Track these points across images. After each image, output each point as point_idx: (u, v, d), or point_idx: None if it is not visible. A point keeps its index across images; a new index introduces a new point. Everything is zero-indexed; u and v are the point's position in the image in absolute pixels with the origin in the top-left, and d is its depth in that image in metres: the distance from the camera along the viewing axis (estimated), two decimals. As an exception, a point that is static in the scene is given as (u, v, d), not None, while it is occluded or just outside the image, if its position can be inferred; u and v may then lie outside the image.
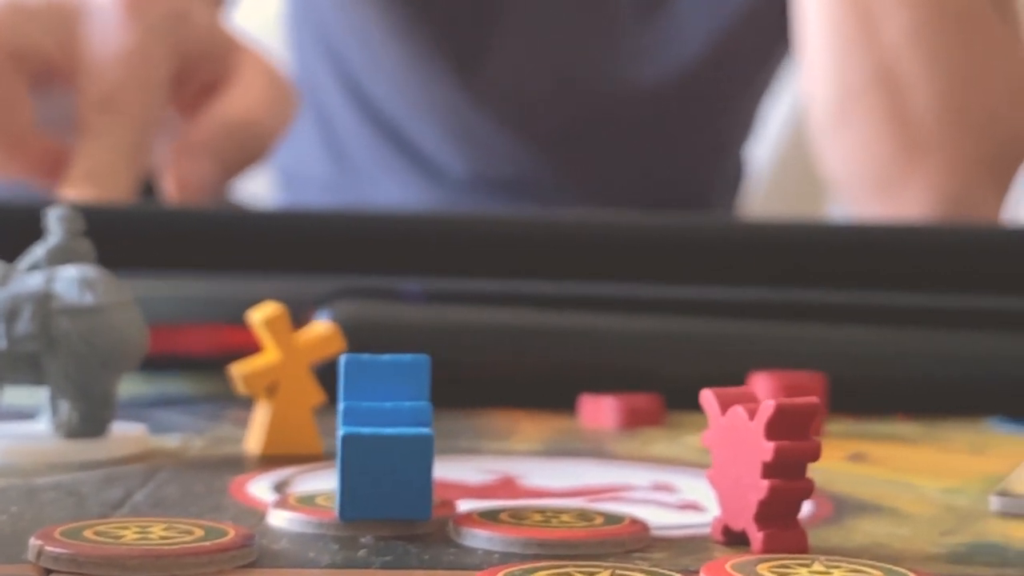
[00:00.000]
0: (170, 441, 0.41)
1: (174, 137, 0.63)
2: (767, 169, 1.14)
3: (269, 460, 0.38)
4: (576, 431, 0.45)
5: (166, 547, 0.27)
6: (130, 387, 0.50)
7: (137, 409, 0.46)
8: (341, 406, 0.31)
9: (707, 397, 0.31)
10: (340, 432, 0.29)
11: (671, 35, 0.92)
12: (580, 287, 0.51)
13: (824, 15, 0.77)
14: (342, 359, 0.32)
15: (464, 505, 0.32)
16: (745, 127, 0.98)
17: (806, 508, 0.34)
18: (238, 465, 0.37)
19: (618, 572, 0.27)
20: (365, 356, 0.32)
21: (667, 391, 0.48)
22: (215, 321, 0.51)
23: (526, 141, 0.93)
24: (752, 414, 0.30)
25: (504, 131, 0.93)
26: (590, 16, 0.92)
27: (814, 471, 0.38)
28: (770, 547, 0.29)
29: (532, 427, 0.45)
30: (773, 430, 0.30)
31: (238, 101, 0.63)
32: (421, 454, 0.30)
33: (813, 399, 0.30)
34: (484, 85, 0.92)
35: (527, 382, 0.50)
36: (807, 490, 0.30)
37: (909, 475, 0.39)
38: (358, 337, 0.49)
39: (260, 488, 0.35)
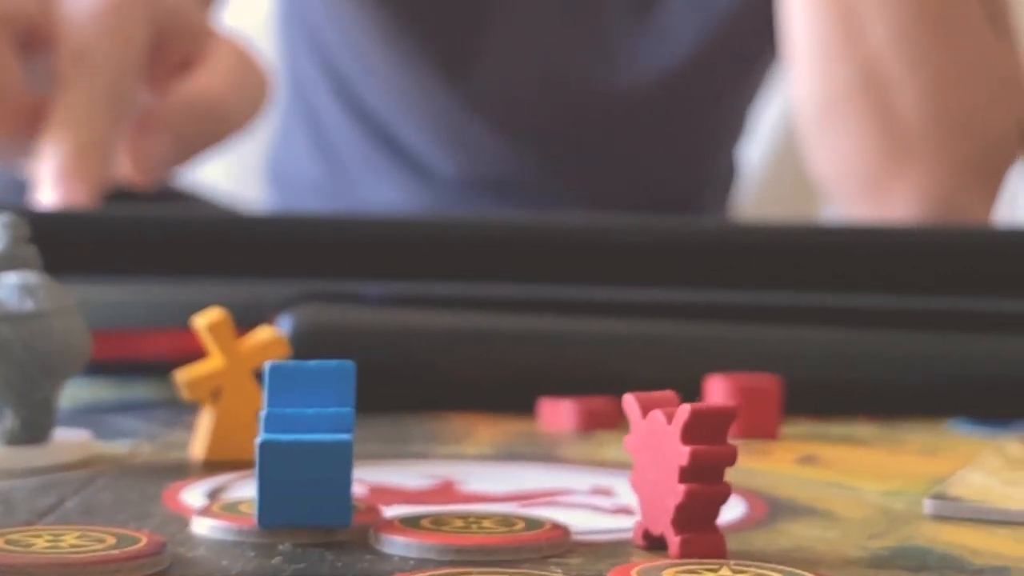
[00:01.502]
0: (119, 447, 0.41)
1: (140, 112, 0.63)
2: (760, 171, 1.14)
3: (211, 466, 0.38)
4: (532, 434, 0.45)
5: (74, 556, 0.27)
6: (94, 392, 0.50)
7: (95, 414, 0.46)
8: (263, 413, 0.31)
9: (629, 401, 0.31)
10: (257, 439, 0.30)
11: (659, 37, 0.92)
12: (542, 290, 0.51)
13: (809, 18, 0.77)
14: (266, 366, 0.32)
15: (396, 511, 0.32)
16: (735, 129, 0.98)
17: (740, 510, 0.34)
18: (180, 471, 0.38)
19: (521, 578, 0.27)
20: (290, 363, 0.32)
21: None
22: (181, 326, 0.51)
23: (516, 143, 0.93)
24: (670, 418, 0.30)
25: (494, 133, 0.93)
26: (578, 19, 0.92)
27: (762, 474, 0.38)
28: (687, 551, 0.29)
29: (488, 431, 0.45)
30: (689, 434, 0.30)
31: (204, 81, 0.63)
32: (340, 461, 0.30)
33: (730, 403, 0.30)
34: (474, 87, 0.92)
35: (488, 385, 0.50)
36: (724, 494, 0.30)
37: (855, 478, 0.39)
38: (318, 341, 0.49)
39: (194, 495, 0.35)
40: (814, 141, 0.80)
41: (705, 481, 0.30)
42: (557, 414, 0.47)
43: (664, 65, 0.92)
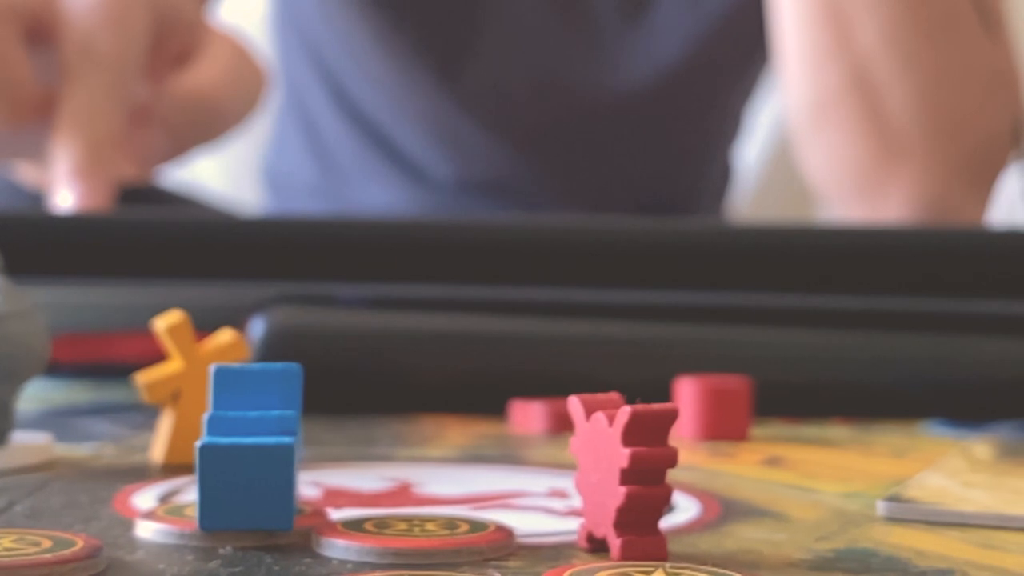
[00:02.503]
0: (82, 450, 0.41)
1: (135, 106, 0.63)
2: (756, 172, 1.14)
3: (169, 469, 0.38)
4: (500, 436, 0.45)
5: (5, 559, 0.27)
6: (70, 395, 0.50)
7: (66, 417, 0.46)
8: (205, 416, 0.31)
9: (573, 403, 0.31)
10: (197, 442, 0.29)
11: (652, 39, 0.92)
12: (515, 292, 0.51)
13: (798, 20, 0.77)
14: (211, 369, 0.32)
15: (342, 514, 0.32)
16: (730, 130, 0.98)
17: (693, 512, 0.34)
18: (138, 474, 0.38)
19: (450, 581, 0.27)
20: (235, 366, 0.32)
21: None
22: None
23: (509, 145, 0.93)
24: (612, 420, 0.30)
25: (487, 135, 0.93)
26: (571, 21, 0.92)
27: (722, 475, 0.38)
28: (627, 554, 0.29)
29: (456, 433, 0.45)
30: (630, 436, 0.29)
31: (200, 75, 0.63)
32: (281, 464, 0.30)
33: (671, 405, 0.30)
34: (467, 89, 0.92)
35: (461, 388, 0.50)
36: (665, 496, 0.30)
37: (816, 480, 0.39)
38: (290, 343, 0.49)
39: (145, 498, 0.35)
40: (806, 143, 0.80)
41: (646, 483, 0.29)
42: (527, 416, 0.47)
43: (657, 67, 0.92)
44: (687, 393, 0.45)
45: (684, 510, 0.35)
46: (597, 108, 0.92)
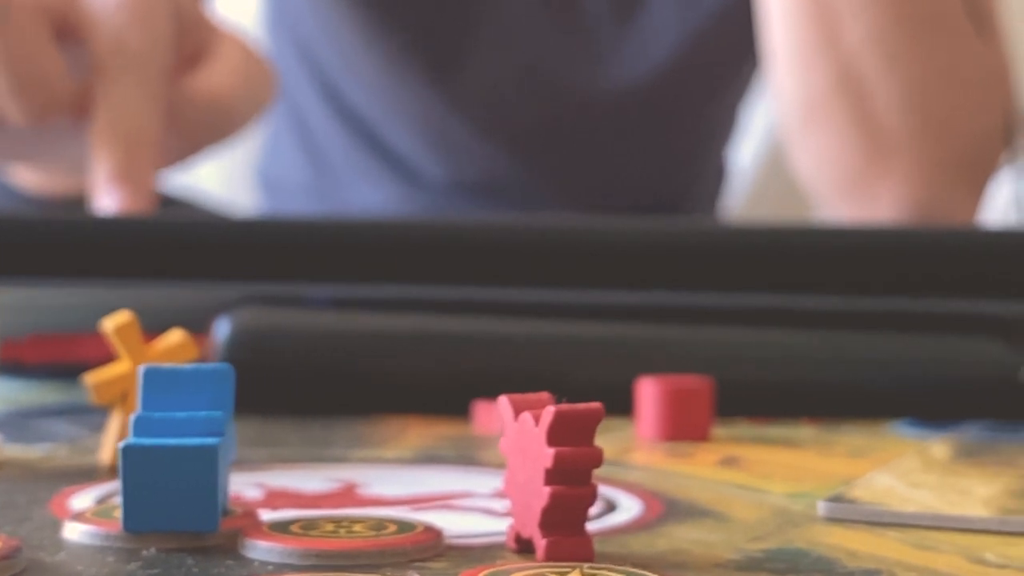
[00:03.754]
0: (36, 451, 0.41)
1: None
2: (751, 172, 1.13)
3: (115, 470, 0.38)
4: (459, 437, 0.45)
5: (-82, 561, 0.27)
6: (40, 395, 0.50)
7: (27, 418, 0.46)
8: (133, 416, 0.31)
9: (503, 403, 0.31)
10: (120, 443, 0.29)
11: (644, 39, 0.91)
12: (482, 293, 0.51)
13: (786, 20, 0.77)
14: (140, 369, 0.31)
15: (282, 515, 0.32)
16: (723, 130, 0.98)
17: (633, 512, 0.34)
18: (84, 476, 0.37)
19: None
20: (166, 366, 0.32)
21: (569, 396, 0.48)
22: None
23: (502, 145, 0.92)
24: (538, 420, 0.30)
25: (480, 135, 0.92)
26: (562, 21, 0.91)
27: (674, 476, 0.37)
28: (552, 555, 0.29)
29: (417, 433, 0.45)
30: (554, 436, 0.29)
31: (211, 77, 0.63)
32: (205, 465, 0.30)
33: (596, 405, 0.29)
34: (459, 89, 0.92)
35: (428, 388, 0.49)
36: (591, 496, 0.29)
37: (768, 480, 0.39)
38: (256, 344, 0.49)
39: (83, 500, 0.35)
40: (796, 143, 0.80)
41: (571, 483, 0.29)
42: (490, 417, 0.46)
43: (648, 67, 0.91)
44: (648, 393, 0.45)
45: (626, 510, 0.35)
46: (589, 108, 0.92)
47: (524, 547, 0.30)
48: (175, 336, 0.40)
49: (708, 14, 0.91)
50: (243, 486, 0.37)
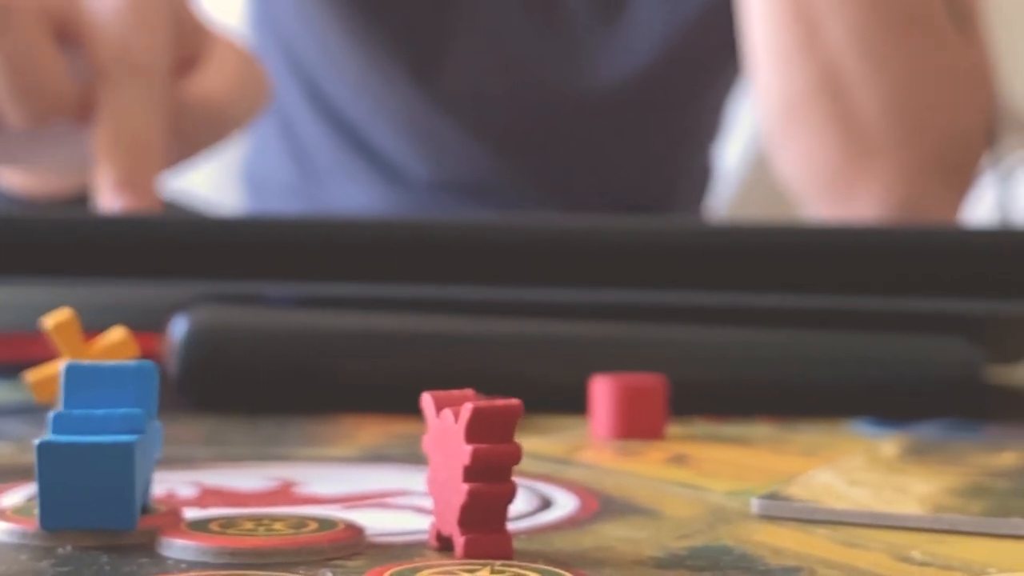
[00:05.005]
0: (-21, 451, 0.41)
1: None
2: (738, 172, 1.13)
3: (53, 469, 0.38)
4: (413, 436, 0.44)
5: None
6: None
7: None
8: (52, 414, 0.30)
9: (425, 400, 0.31)
10: (36, 440, 0.29)
11: (627, 39, 0.91)
12: (441, 291, 0.50)
13: (767, 21, 0.76)
14: (62, 366, 0.31)
15: (210, 513, 0.32)
16: (708, 130, 0.97)
17: (567, 510, 0.34)
18: (21, 474, 0.37)
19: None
20: (88, 363, 0.31)
21: (527, 394, 0.48)
22: (85, 328, 0.51)
23: (486, 145, 0.92)
24: (458, 416, 0.29)
25: (464, 135, 0.92)
26: (545, 21, 0.91)
27: (617, 474, 0.37)
28: (470, 552, 0.29)
29: (370, 432, 0.45)
30: (472, 433, 0.29)
31: (207, 82, 0.63)
32: (121, 463, 0.29)
33: (514, 401, 0.29)
34: (443, 89, 0.92)
35: (388, 387, 0.49)
36: (510, 493, 0.29)
37: (711, 478, 0.38)
38: (213, 342, 0.49)
39: (14, 498, 0.34)
40: (778, 143, 0.79)
41: (489, 480, 0.29)
42: (444, 415, 0.46)
43: (632, 66, 0.91)
44: (601, 391, 0.45)
45: (560, 507, 0.34)
46: (573, 108, 0.92)
47: (445, 545, 0.30)
48: (116, 334, 0.39)
49: (691, 13, 0.91)
50: (178, 484, 0.36)
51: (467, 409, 0.29)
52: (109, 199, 0.58)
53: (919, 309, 0.50)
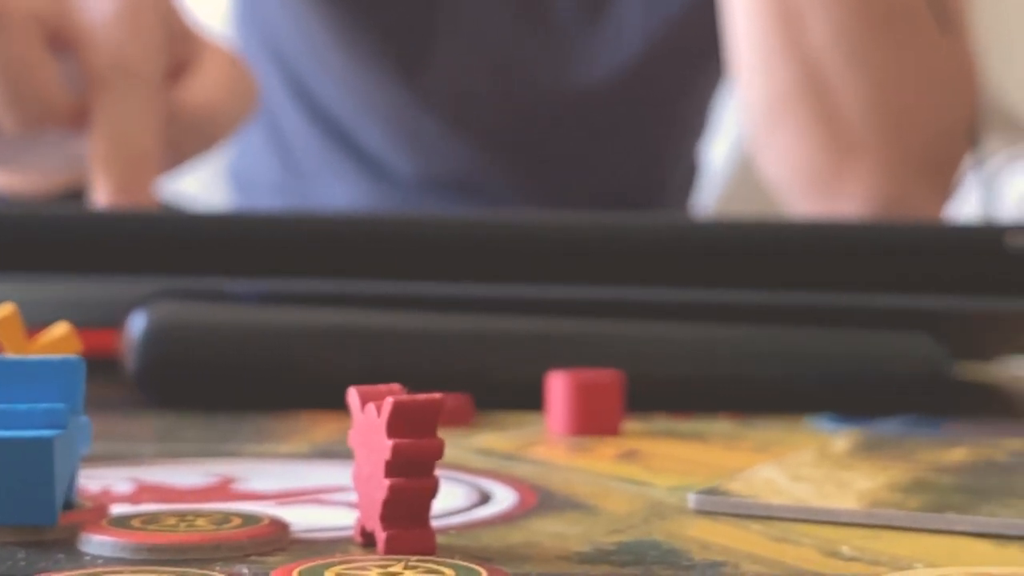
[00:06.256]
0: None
1: None
2: (724, 171, 1.12)
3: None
4: (366, 432, 0.44)
5: None
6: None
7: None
8: (-29, 409, 0.30)
9: (351, 394, 0.30)
10: (-46, 435, 0.29)
11: (611, 36, 0.91)
12: (403, 287, 0.50)
13: (750, 19, 0.76)
14: (-14, 361, 0.31)
15: (131, 509, 0.32)
16: (694, 127, 0.97)
17: (505, 505, 0.33)
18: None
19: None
20: (12, 357, 0.31)
21: (488, 391, 0.48)
22: (41, 324, 0.51)
23: (472, 142, 0.92)
24: (380, 411, 0.29)
25: (449, 132, 0.92)
26: (531, 18, 0.91)
27: (563, 469, 0.37)
28: (392, 548, 0.29)
29: (324, 429, 0.45)
30: (394, 428, 0.29)
31: (197, 89, 0.63)
32: (41, 458, 0.29)
33: (436, 395, 0.29)
34: (428, 86, 0.92)
35: (347, 383, 0.49)
36: (432, 489, 0.29)
37: (658, 473, 0.38)
38: (171, 338, 0.48)
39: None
40: (761, 142, 0.79)
41: (411, 475, 0.29)
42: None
43: (616, 63, 0.91)
44: (557, 387, 0.44)
45: (498, 503, 0.34)
46: (558, 105, 0.91)
47: (369, 541, 0.30)
48: (59, 329, 0.39)
49: (675, 10, 0.90)
50: (116, 480, 0.36)
51: (388, 404, 0.29)
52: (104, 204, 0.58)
53: (886, 306, 0.50)
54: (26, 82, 0.57)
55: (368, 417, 0.30)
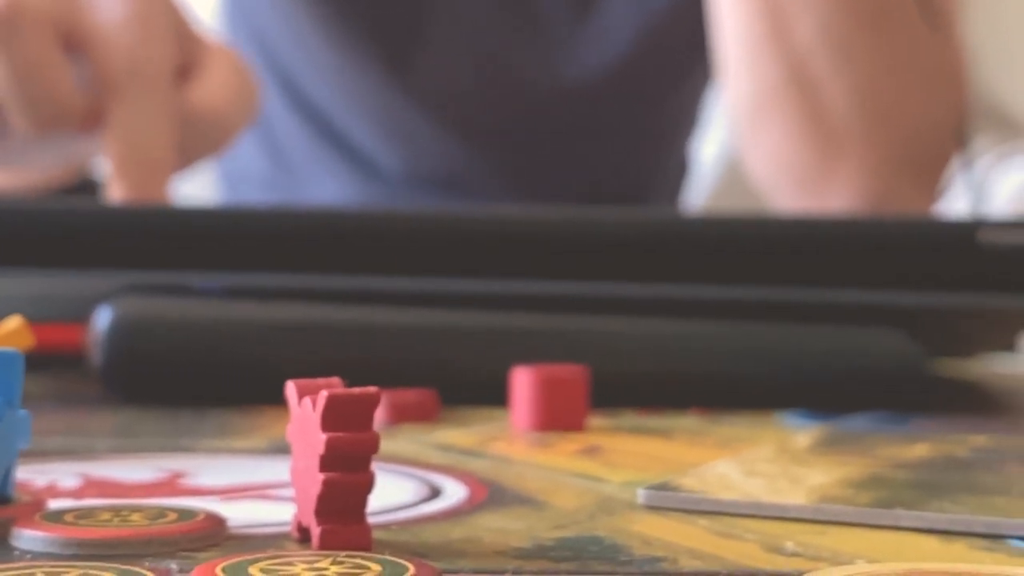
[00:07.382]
0: None
1: None
2: (714, 167, 1.12)
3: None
4: (328, 428, 0.44)
5: None
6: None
7: None
8: (-93, 403, 0.30)
9: (289, 388, 0.30)
10: None
11: (599, 33, 0.90)
12: (370, 282, 0.50)
13: (736, 15, 0.76)
14: (-77, 354, 0.31)
15: (66, 504, 0.31)
16: (683, 124, 0.97)
17: (454, 500, 0.33)
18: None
19: (89, 572, 0.25)
20: (-51, 351, 0.31)
21: (454, 386, 0.47)
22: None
23: (460, 138, 0.91)
24: (316, 405, 0.29)
25: (438, 128, 0.92)
26: (519, 14, 0.91)
27: (518, 464, 0.36)
28: (326, 543, 0.28)
29: (284, 425, 0.44)
30: (328, 421, 0.28)
31: (203, 92, 0.63)
32: (-28, 451, 0.29)
33: (371, 389, 0.28)
34: (416, 82, 0.91)
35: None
36: (368, 483, 0.28)
37: (615, 469, 0.38)
38: (136, 332, 0.48)
39: None
40: (747, 138, 0.79)
41: (346, 470, 0.28)
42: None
43: (606, 59, 0.90)
44: (522, 383, 0.44)
45: (447, 498, 0.34)
46: (546, 102, 0.91)
47: (305, 536, 0.29)
48: (11, 323, 0.39)
49: (662, 7, 0.90)
50: (64, 475, 0.36)
51: (322, 397, 0.28)
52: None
53: (861, 301, 0.49)
54: (40, 84, 0.57)
55: (304, 411, 0.29)
